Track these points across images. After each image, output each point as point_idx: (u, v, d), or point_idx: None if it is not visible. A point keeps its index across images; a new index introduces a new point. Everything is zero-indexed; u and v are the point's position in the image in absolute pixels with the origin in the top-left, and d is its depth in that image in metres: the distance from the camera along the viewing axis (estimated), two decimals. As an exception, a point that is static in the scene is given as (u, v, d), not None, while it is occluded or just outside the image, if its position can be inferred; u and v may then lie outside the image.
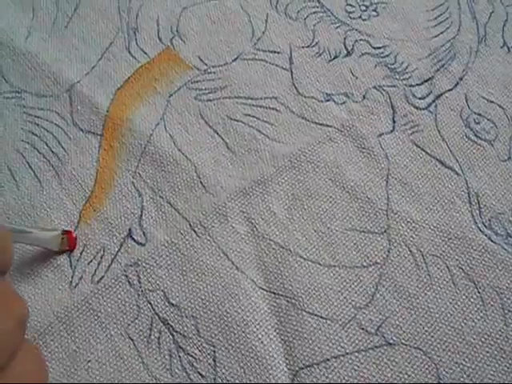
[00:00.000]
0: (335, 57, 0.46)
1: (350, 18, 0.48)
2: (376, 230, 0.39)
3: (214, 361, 0.36)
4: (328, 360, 0.36)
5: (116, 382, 0.35)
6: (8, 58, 0.47)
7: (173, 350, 0.36)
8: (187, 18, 0.49)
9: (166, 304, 0.38)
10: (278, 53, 0.47)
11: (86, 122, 0.44)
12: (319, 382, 0.35)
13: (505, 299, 0.37)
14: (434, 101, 0.44)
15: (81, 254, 0.39)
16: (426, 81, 0.45)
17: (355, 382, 0.35)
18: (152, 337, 0.37)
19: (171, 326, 0.37)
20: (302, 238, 0.39)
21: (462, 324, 0.36)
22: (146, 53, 0.47)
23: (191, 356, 0.36)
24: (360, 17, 0.48)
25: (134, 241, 0.40)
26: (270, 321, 0.37)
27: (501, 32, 0.47)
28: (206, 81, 0.45)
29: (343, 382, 0.35)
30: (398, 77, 0.45)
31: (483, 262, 0.38)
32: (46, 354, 0.36)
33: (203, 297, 0.38)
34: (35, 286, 0.38)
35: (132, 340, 0.37)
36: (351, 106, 0.44)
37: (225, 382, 0.35)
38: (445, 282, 0.38)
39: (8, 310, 0.27)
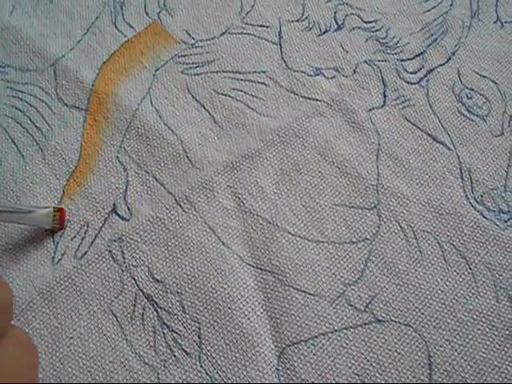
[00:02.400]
0: (325, 31, 0.45)
1: (341, -9, 0.47)
2: (366, 206, 0.39)
3: (199, 338, 0.35)
4: (316, 337, 0.35)
5: (98, 358, 0.35)
6: (-8, 32, 0.47)
7: (157, 327, 0.35)
8: (175, -9, 0.48)
9: (151, 280, 0.37)
10: (267, 27, 0.46)
11: (71, 96, 0.43)
12: (306, 359, 0.34)
13: (496, 276, 0.36)
14: (425, 75, 0.43)
15: (64, 229, 0.38)
16: (417, 55, 0.44)
17: (343, 359, 0.34)
18: (136, 313, 0.36)
19: (155, 302, 0.36)
20: (290, 214, 0.38)
21: (453, 301, 0.36)
22: (132, 27, 0.46)
23: (176, 333, 0.35)
24: (351, -10, 0.47)
25: (119, 216, 0.39)
26: (257, 297, 0.36)
27: (494, 7, 0.46)
28: (193, 55, 0.45)
29: (331, 359, 0.34)
30: (389, 51, 0.44)
31: (475, 238, 0.37)
32: (28, 330, 0.35)
33: (188, 272, 0.37)
34: (17, 261, 0.37)
35: (115, 316, 0.36)
36: (341, 81, 0.43)
37: (210, 359, 0.34)
38: (436, 259, 0.37)
39: None
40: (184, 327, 0.35)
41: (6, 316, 0.28)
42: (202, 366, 0.34)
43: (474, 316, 0.35)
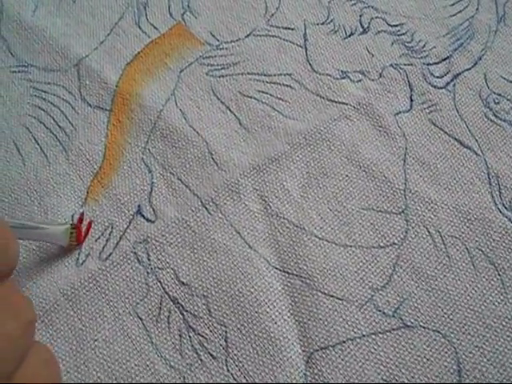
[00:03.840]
0: (351, 34, 0.45)
1: (366, -5, 0.47)
2: (393, 210, 0.38)
3: (226, 341, 0.35)
4: (344, 342, 0.35)
5: (123, 361, 0.34)
6: (15, 31, 0.46)
7: (183, 330, 0.35)
8: (199, -7, 0.48)
9: (176, 282, 0.36)
10: (292, 29, 0.46)
11: (95, 96, 0.43)
12: (334, 364, 0.34)
13: (526, 282, 0.36)
14: (452, 80, 0.43)
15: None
16: (443, 60, 0.44)
17: (372, 365, 0.34)
18: (161, 316, 0.35)
19: (181, 305, 0.36)
20: (317, 217, 0.38)
21: (482, 307, 0.35)
22: (156, 28, 0.46)
23: (202, 336, 0.35)
24: (376, -6, 0.47)
25: (144, 218, 0.38)
26: (284, 301, 0.36)
27: (521, 12, 0.46)
28: (218, 56, 0.44)
29: (359, 364, 0.34)
30: (415, 55, 0.44)
31: (503, 244, 0.37)
32: (52, 332, 0.35)
33: (215, 275, 0.36)
34: (41, 263, 0.37)
35: (140, 319, 0.35)
36: (367, 84, 0.43)
37: (237, 363, 0.34)
38: (464, 264, 0.37)
39: (15, 314, 0.26)
40: (210, 331, 0.35)
41: (31, 332, 0.28)
42: (228, 371, 0.34)
43: (504, 322, 0.35)
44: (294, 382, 0.34)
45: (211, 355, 0.34)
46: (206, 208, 0.39)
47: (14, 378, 0.25)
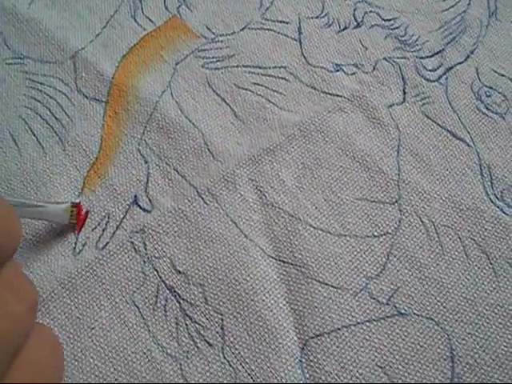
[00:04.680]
0: (345, 28, 0.46)
1: (360, -11, 0.48)
2: (387, 200, 0.39)
3: (222, 329, 0.35)
4: (339, 329, 0.35)
5: (121, 349, 0.35)
6: (10, 24, 0.46)
7: (179, 318, 0.35)
8: (194, -14, 0.48)
9: (173, 271, 0.37)
10: (287, 23, 0.46)
11: (91, 88, 0.43)
12: (329, 351, 0.34)
13: (517, 270, 0.37)
14: (444, 73, 0.44)
15: (83, 224, 0.38)
16: (436, 53, 0.44)
17: (366, 351, 0.34)
18: (158, 304, 0.36)
19: (178, 294, 0.36)
20: (312, 207, 0.39)
21: (475, 295, 0.36)
22: (152, 21, 0.46)
23: (198, 324, 0.35)
24: (369, -11, 0.48)
25: (140, 207, 0.39)
26: (280, 289, 0.36)
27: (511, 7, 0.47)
28: (213, 49, 0.45)
29: (354, 351, 0.34)
30: (408, 49, 0.45)
31: (495, 234, 0.38)
32: (49, 320, 0.35)
33: (211, 264, 0.37)
34: (38, 252, 0.37)
35: (137, 307, 0.36)
36: (361, 77, 0.43)
37: (233, 350, 0.34)
38: (457, 253, 0.37)
39: (19, 294, 0.27)
40: (207, 319, 0.35)
41: (33, 313, 0.28)
42: (225, 358, 0.34)
43: (496, 310, 0.35)
44: (289, 368, 0.34)
45: (208, 343, 0.35)
46: (202, 198, 0.39)
47: (19, 357, 0.26)
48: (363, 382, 0.34)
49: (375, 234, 0.38)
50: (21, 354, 0.26)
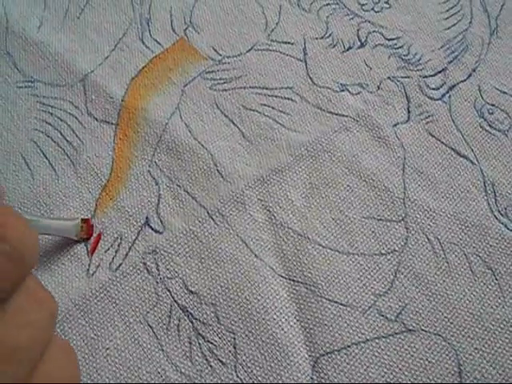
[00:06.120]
0: (349, 48, 0.47)
1: (363, 10, 0.48)
2: (393, 218, 0.39)
3: (235, 348, 0.36)
4: (349, 347, 0.36)
5: (135, 369, 0.35)
6: (20, 47, 0.47)
7: (192, 338, 0.36)
8: (200, 8, 0.49)
9: (185, 291, 0.37)
10: (292, 44, 0.47)
11: (101, 111, 0.44)
12: (340, 368, 0.35)
13: (522, 286, 0.37)
14: (447, 91, 0.44)
15: (90, 238, 0.39)
16: (439, 72, 0.45)
17: (376, 368, 0.35)
18: (171, 324, 0.36)
19: (190, 314, 0.37)
20: (320, 226, 0.39)
21: (481, 310, 0.36)
22: (159, 43, 0.47)
23: (211, 343, 0.36)
24: (373, 9, 0.48)
25: (152, 229, 0.39)
26: (290, 308, 0.37)
27: (512, 25, 0.48)
28: (220, 71, 0.46)
29: (364, 368, 0.35)
30: (411, 68, 0.45)
31: (500, 250, 0.38)
32: (65, 341, 0.36)
33: (222, 284, 0.38)
34: (52, 274, 0.38)
35: (151, 327, 0.36)
36: (366, 96, 0.44)
37: (245, 368, 0.35)
38: (463, 270, 0.38)
39: (41, 304, 0.27)
40: (219, 338, 0.36)
41: (53, 324, 0.29)
42: (237, 376, 0.35)
43: (502, 325, 0.36)
44: (301, 386, 0.35)
45: (220, 361, 0.35)
46: (213, 219, 0.40)
47: (38, 367, 0.26)
48: (374, 398, 0.34)
49: (382, 251, 0.38)
50: (41, 363, 0.26)
